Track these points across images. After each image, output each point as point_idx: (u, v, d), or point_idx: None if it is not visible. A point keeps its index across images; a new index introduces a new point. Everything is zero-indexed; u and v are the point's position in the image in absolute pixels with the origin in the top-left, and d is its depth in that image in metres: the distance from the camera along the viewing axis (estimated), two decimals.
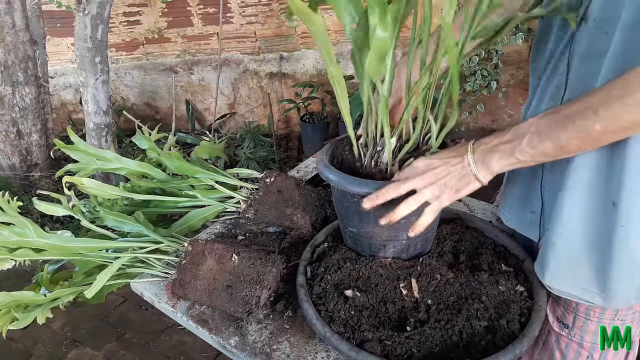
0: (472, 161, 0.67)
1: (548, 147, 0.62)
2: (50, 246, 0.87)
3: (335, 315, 0.75)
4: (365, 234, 0.80)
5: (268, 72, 3.45)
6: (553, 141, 0.61)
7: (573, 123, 0.59)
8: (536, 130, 0.62)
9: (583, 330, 0.82)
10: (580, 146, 0.61)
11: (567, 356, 0.87)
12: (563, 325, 0.85)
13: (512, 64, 2.99)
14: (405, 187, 0.70)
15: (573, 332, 0.84)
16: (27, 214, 0.87)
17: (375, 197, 0.71)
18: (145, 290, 0.92)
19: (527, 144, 0.63)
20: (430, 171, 0.69)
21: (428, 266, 0.82)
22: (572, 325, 0.83)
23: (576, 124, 0.59)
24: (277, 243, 1.00)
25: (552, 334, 0.88)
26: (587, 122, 0.58)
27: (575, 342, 0.84)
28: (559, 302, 0.85)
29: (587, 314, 0.80)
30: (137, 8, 3.23)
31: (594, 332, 0.82)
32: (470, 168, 0.67)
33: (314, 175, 1.26)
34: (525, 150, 0.63)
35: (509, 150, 0.64)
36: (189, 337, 1.99)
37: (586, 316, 0.81)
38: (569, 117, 0.60)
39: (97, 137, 2.53)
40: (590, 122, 0.58)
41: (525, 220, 0.86)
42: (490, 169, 0.66)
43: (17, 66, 2.62)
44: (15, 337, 2.01)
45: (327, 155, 0.83)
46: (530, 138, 0.63)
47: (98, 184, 0.96)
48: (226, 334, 0.81)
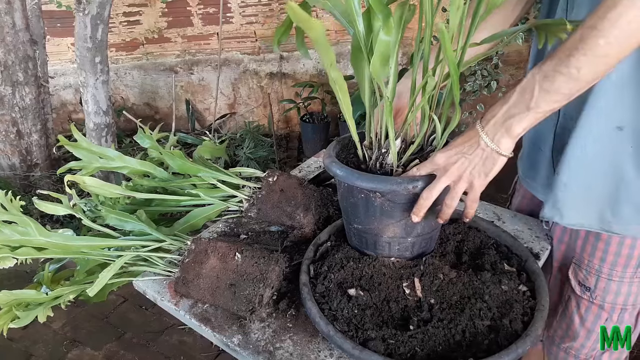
0: (489, 140, 0.65)
1: (562, 84, 0.59)
2: (52, 245, 0.87)
3: (339, 313, 0.75)
4: (371, 230, 0.80)
5: (268, 72, 3.45)
6: (564, 75, 0.59)
7: (577, 49, 0.57)
8: (543, 75, 0.61)
9: (605, 291, 0.87)
10: (594, 70, 0.59)
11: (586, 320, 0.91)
12: (585, 288, 0.89)
13: (512, 64, 2.99)
14: (437, 189, 0.70)
15: (595, 294, 0.88)
16: (27, 214, 0.87)
17: (418, 210, 0.72)
18: (148, 288, 0.92)
19: (540, 91, 0.61)
20: (452, 166, 0.68)
21: (431, 265, 0.82)
22: (594, 287, 0.88)
23: (579, 48, 0.57)
24: (280, 242, 1.01)
25: (573, 299, 0.93)
26: (590, 41, 0.56)
27: (596, 305, 0.89)
28: (580, 265, 0.89)
29: (609, 275, 0.85)
30: (137, 8, 3.22)
31: (615, 292, 0.87)
32: (490, 148, 0.66)
33: (315, 175, 1.26)
34: (540, 99, 0.61)
35: (524, 108, 0.63)
36: (190, 337, 1.99)
37: (609, 277, 0.85)
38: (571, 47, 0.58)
39: (97, 137, 2.52)
40: (593, 40, 0.56)
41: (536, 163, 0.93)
42: (513, 134, 0.64)
43: (17, 66, 2.62)
44: (15, 337, 2.01)
45: (334, 153, 0.83)
46: (540, 85, 0.61)
47: (100, 182, 0.96)
48: (229, 332, 0.81)
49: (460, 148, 0.68)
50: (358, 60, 0.72)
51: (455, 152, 0.69)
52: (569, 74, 0.59)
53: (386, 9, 0.62)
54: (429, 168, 0.71)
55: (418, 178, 0.72)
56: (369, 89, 0.75)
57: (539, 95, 0.61)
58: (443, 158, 0.69)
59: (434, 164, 0.70)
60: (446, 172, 0.69)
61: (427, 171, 0.72)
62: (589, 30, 0.56)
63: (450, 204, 0.72)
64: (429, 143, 0.78)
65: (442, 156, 0.69)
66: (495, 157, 0.66)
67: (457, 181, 0.70)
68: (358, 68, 0.74)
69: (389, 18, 0.62)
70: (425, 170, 0.72)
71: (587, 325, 0.92)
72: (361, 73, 0.74)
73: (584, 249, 0.89)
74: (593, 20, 0.56)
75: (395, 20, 0.65)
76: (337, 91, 0.69)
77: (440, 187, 0.70)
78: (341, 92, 0.69)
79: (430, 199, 0.71)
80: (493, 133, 0.65)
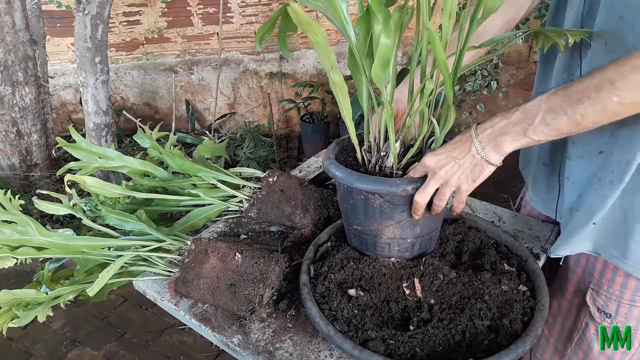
0: (480, 148, 0.66)
1: (562, 123, 0.60)
2: (52, 244, 0.87)
3: (339, 314, 0.75)
4: (371, 232, 0.80)
5: (268, 72, 3.45)
6: (568, 116, 0.59)
7: (588, 97, 0.58)
8: (548, 108, 0.61)
9: (627, 317, 0.83)
10: (597, 121, 0.59)
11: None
12: (605, 315, 0.85)
13: (512, 64, 3.00)
14: (427, 192, 0.71)
15: (615, 320, 0.85)
16: (26, 214, 0.87)
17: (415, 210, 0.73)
18: (148, 288, 0.92)
19: (541, 122, 0.62)
20: (441, 169, 0.69)
21: (431, 266, 0.82)
22: (615, 313, 0.84)
23: (592, 97, 0.57)
24: (280, 242, 1.00)
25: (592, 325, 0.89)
26: (604, 95, 0.56)
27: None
28: (599, 292, 0.86)
29: (631, 300, 0.82)
30: (137, 8, 3.22)
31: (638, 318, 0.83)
32: (480, 155, 0.66)
33: (316, 175, 1.26)
34: (538, 129, 0.62)
35: (520, 130, 0.63)
36: (190, 337, 1.99)
37: (631, 302, 0.82)
38: (584, 92, 0.58)
39: (97, 137, 2.52)
40: (607, 95, 0.56)
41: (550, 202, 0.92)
42: (502, 151, 0.66)
43: (17, 66, 2.62)
44: (15, 336, 2.01)
45: (333, 154, 0.83)
46: (543, 116, 0.61)
47: (100, 182, 0.96)
48: (229, 332, 0.81)
49: (450, 152, 0.69)
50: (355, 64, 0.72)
51: (446, 155, 0.69)
52: (573, 117, 0.59)
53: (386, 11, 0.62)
54: (420, 171, 0.72)
55: (416, 180, 0.72)
56: (366, 93, 0.75)
57: (538, 125, 0.62)
58: (433, 161, 0.70)
59: (424, 167, 0.71)
60: (434, 175, 0.70)
61: (419, 174, 0.72)
62: (606, 84, 0.56)
63: (439, 204, 0.73)
64: (427, 146, 0.78)
65: (431, 159, 0.70)
66: (485, 165, 0.67)
67: (444, 184, 0.70)
68: (355, 72, 0.74)
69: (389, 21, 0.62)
70: (418, 173, 0.73)
71: (607, 352, 0.88)
72: (358, 77, 0.74)
73: (602, 274, 0.85)
74: (614, 73, 0.56)
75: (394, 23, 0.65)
76: (337, 94, 0.69)
77: (431, 189, 0.70)
78: (342, 95, 0.69)
79: (423, 201, 0.72)
80: (485, 143, 0.66)
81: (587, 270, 0.89)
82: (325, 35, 0.59)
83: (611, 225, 0.78)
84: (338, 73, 0.66)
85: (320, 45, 0.59)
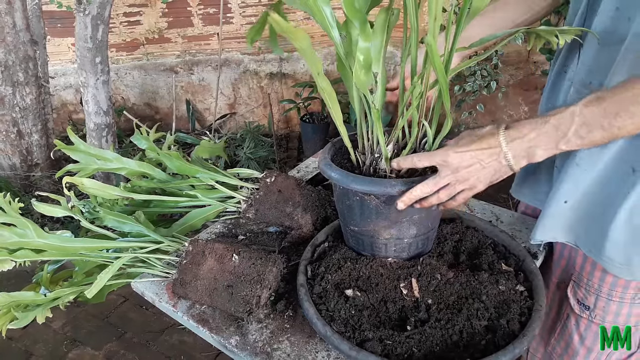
0: (511, 156, 0.66)
1: (597, 135, 0.61)
2: (50, 247, 0.87)
3: (336, 314, 0.75)
4: (367, 232, 0.80)
5: (268, 72, 3.45)
6: (605, 129, 0.60)
7: (626, 110, 0.58)
8: (583, 121, 0.61)
9: (605, 310, 0.85)
10: (633, 132, 0.60)
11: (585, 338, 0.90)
12: (584, 307, 0.87)
13: (511, 64, 2.99)
14: (437, 186, 0.70)
15: (594, 313, 0.86)
16: (27, 214, 0.87)
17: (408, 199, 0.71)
18: (146, 290, 0.92)
19: (575, 135, 0.62)
20: (464, 169, 0.68)
21: (428, 266, 0.82)
22: (594, 306, 0.86)
23: (630, 110, 0.58)
24: (278, 243, 1.01)
25: (572, 317, 0.91)
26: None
27: (596, 324, 0.87)
28: (579, 284, 0.87)
29: (609, 294, 0.83)
30: (137, 8, 3.23)
31: (615, 312, 0.84)
32: (508, 163, 0.67)
33: (314, 175, 1.26)
34: (572, 141, 0.63)
35: (552, 143, 0.64)
36: (190, 336, 1.99)
37: (608, 296, 0.83)
38: (620, 104, 0.59)
39: (97, 137, 2.53)
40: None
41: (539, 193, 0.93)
42: (532, 160, 0.66)
43: (18, 66, 2.62)
44: (15, 336, 2.01)
45: (329, 155, 0.83)
46: (576, 129, 0.62)
47: (99, 184, 0.96)
48: (227, 334, 0.81)
49: (477, 154, 0.67)
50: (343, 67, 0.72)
51: (471, 156, 0.67)
52: (610, 130, 0.60)
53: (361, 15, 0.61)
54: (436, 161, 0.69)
55: (413, 180, 0.72)
56: (357, 96, 0.74)
57: (572, 138, 0.62)
58: (458, 159, 0.68)
59: (445, 162, 0.68)
60: (455, 173, 0.68)
61: (431, 163, 0.70)
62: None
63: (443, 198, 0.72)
64: (421, 147, 0.78)
65: (456, 157, 0.68)
66: (508, 171, 0.68)
67: (461, 182, 0.69)
68: (344, 75, 0.73)
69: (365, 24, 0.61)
70: (429, 161, 0.70)
71: (587, 343, 0.90)
72: (348, 80, 0.73)
73: (583, 267, 0.87)
74: None
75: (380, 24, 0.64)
76: (326, 99, 0.68)
77: (442, 184, 0.70)
78: (330, 100, 0.69)
79: (424, 194, 0.71)
80: (515, 152, 0.66)
81: (570, 263, 0.91)
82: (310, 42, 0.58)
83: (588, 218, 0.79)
84: (325, 79, 0.65)
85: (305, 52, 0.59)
